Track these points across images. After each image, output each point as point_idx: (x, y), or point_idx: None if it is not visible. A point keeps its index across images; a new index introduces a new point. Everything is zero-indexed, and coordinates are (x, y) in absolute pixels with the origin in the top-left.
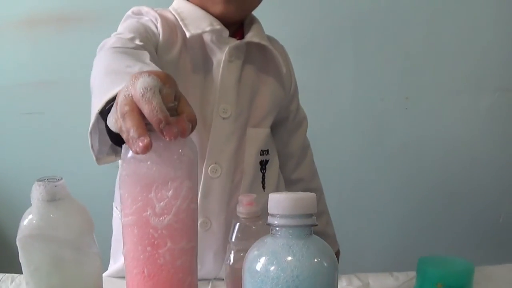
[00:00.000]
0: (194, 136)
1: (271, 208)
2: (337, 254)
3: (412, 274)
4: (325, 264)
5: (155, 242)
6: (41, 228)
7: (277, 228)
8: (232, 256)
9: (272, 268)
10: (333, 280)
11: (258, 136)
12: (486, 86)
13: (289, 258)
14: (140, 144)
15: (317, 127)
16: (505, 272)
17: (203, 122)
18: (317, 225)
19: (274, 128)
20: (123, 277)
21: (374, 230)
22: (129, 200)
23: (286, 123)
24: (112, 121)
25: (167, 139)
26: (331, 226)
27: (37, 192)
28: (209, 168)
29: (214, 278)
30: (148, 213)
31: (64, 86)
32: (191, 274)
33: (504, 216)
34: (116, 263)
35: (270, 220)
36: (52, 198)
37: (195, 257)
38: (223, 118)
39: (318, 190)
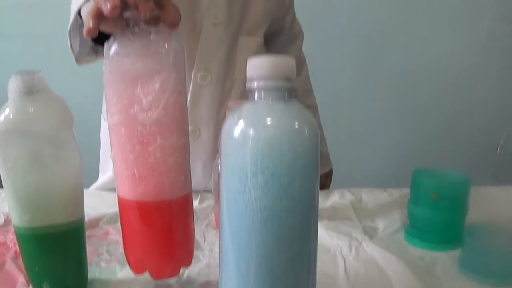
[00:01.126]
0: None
1: (250, 71)
2: (330, 173)
3: (406, 191)
4: (306, 129)
5: (144, 139)
6: (18, 122)
7: (256, 92)
8: (220, 162)
9: (252, 129)
10: (314, 146)
11: (250, 45)
12: (486, 13)
13: (270, 119)
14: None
15: (312, 49)
16: (502, 193)
17: (193, 29)
18: (296, 90)
19: (268, 41)
20: (111, 189)
21: (369, 150)
22: (114, 99)
23: (280, 35)
24: (85, 11)
25: (142, 15)
26: (324, 144)
27: (14, 85)
28: (198, 76)
29: (204, 190)
30: (135, 109)
31: (52, 7)
32: (184, 174)
33: (502, 146)
34: (104, 175)
35: (249, 85)
36: (30, 91)
37: (188, 155)
38: (214, 24)
39: (312, 107)
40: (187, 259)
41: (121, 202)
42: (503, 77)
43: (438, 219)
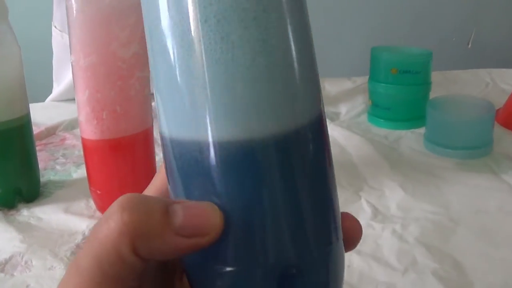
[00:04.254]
0: None
1: None
2: None
3: None
4: None
5: (124, 73)
6: None
7: None
8: None
9: None
10: None
11: None
12: None
13: None
14: None
15: None
16: (469, 76)
17: None
18: None
19: None
20: (68, 100)
21: (337, 42)
22: (88, 40)
23: None
24: None
25: None
26: None
27: None
28: None
29: None
30: (114, 46)
31: None
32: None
33: (473, 40)
34: (60, 85)
35: None
36: None
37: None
38: None
39: None
40: None
41: (98, 144)
42: None
43: (400, 94)
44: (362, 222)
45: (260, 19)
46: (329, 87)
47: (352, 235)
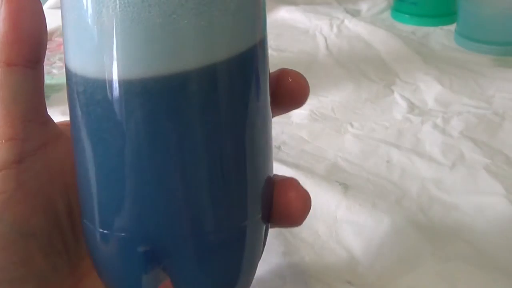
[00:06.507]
0: None
1: None
2: None
3: None
4: None
5: None
6: None
7: None
8: None
9: None
10: None
11: None
12: None
13: None
14: None
15: None
16: None
17: None
18: None
19: None
20: None
21: None
22: None
23: None
24: None
25: None
26: None
27: None
28: None
29: None
30: None
31: None
32: None
33: None
34: None
35: None
36: None
37: None
38: None
39: None
40: None
41: None
42: None
43: None
44: (397, 116)
45: None
46: None
47: (298, 90)
